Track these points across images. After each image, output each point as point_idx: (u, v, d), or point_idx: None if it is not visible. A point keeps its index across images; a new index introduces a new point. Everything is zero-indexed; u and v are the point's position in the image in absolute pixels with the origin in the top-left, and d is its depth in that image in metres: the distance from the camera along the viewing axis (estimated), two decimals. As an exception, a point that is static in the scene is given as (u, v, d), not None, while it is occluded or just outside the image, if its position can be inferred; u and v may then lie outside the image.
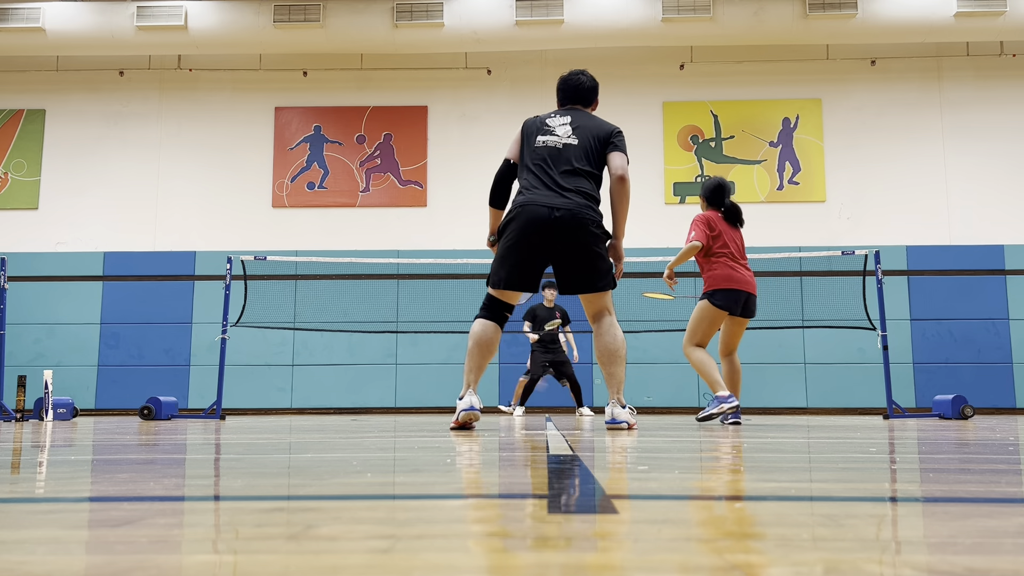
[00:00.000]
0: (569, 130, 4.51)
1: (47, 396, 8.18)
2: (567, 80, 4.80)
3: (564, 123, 4.55)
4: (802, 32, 11.76)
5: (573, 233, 4.30)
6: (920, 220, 12.21)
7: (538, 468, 2.29)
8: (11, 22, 11.80)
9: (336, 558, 1.01)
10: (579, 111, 4.71)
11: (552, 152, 4.43)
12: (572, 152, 4.43)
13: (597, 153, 4.51)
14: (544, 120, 4.60)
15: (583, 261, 4.35)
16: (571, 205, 4.30)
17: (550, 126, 4.54)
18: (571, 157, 4.42)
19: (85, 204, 12.65)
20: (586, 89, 4.78)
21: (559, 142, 4.46)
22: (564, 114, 4.64)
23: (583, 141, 4.47)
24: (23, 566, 0.98)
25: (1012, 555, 1.01)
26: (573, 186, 4.36)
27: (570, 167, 4.40)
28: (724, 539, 1.13)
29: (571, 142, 4.45)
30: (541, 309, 10.49)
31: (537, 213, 4.28)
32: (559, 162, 4.40)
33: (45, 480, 2.10)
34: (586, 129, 4.52)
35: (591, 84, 4.80)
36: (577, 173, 4.40)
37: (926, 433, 4.49)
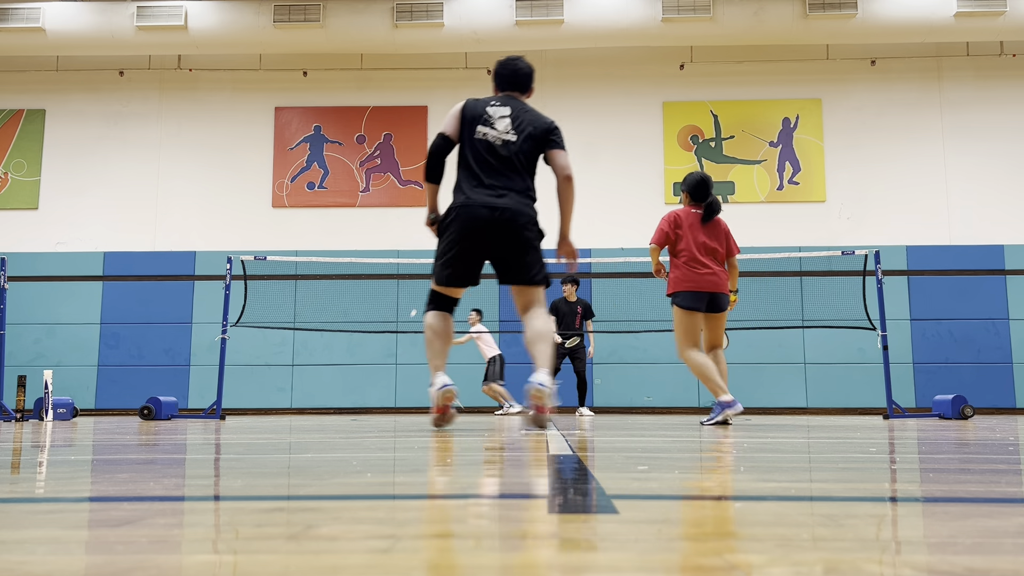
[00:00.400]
0: (509, 123, 4.49)
1: (47, 396, 8.18)
2: (506, 65, 4.75)
3: (504, 115, 4.53)
4: (802, 32, 11.76)
5: (513, 233, 4.39)
6: (920, 220, 12.22)
7: (538, 468, 2.29)
8: (11, 22, 11.80)
9: (336, 558, 1.01)
10: (517, 100, 4.69)
11: (492, 148, 4.45)
12: (511, 150, 4.45)
13: (536, 149, 4.54)
14: (485, 108, 4.55)
15: (522, 257, 4.45)
16: (511, 205, 4.37)
17: (490, 116, 4.51)
18: (511, 155, 4.45)
19: (85, 204, 12.65)
20: (524, 75, 4.74)
21: (499, 138, 4.46)
22: (503, 103, 4.60)
23: (522, 137, 4.48)
24: (23, 566, 0.98)
25: (1012, 555, 1.01)
26: (512, 186, 4.42)
27: (509, 165, 4.44)
28: (724, 539, 1.13)
29: (510, 139, 4.46)
30: (563, 304, 10.54)
31: (478, 214, 4.36)
32: (499, 159, 4.43)
33: (45, 480, 2.10)
34: (525, 124, 4.52)
35: (528, 70, 4.78)
36: (516, 171, 4.44)
37: (926, 433, 4.49)
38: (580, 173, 13.10)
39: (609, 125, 12.60)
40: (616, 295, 11.99)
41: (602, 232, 12.32)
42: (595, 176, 12.55)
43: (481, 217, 4.35)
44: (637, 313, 11.75)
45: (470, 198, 4.39)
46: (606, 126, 12.61)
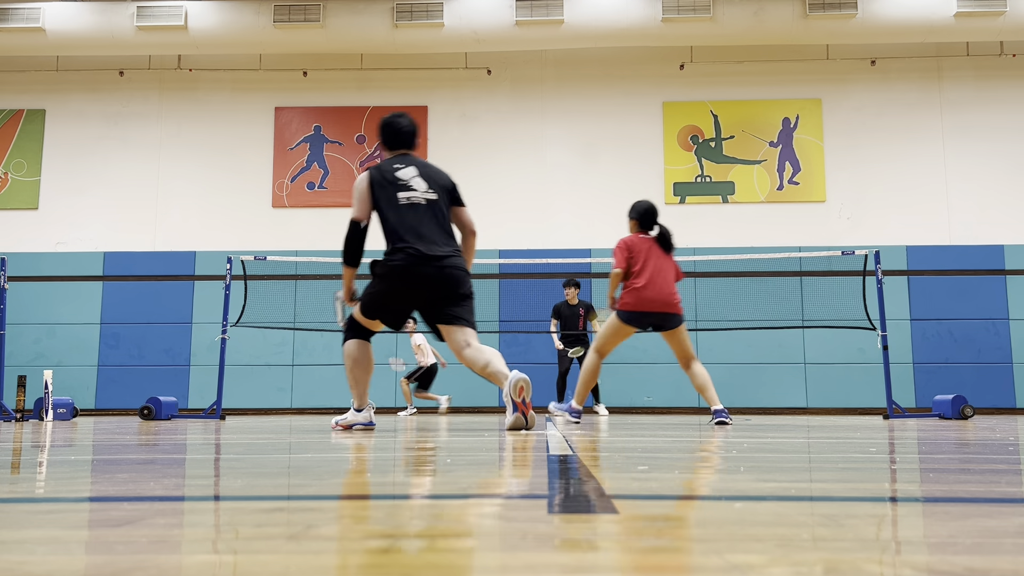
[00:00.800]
0: (423, 184, 4.77)
1: (47, 396, 8.18)
2: (394, 125, 4.97)
3: (414, 175, 4.79)
4: (802, 32, 11.76)
5: (456, 285, 4.70)
6: (920, 220, 12.22)
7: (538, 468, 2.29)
8: (11, 22, 11.80)
9: (336, 558, 1.01)
10: (413, 157, 4.96)
11: (418, 209, 4.71)
12: (436, 208, 4.75)
13: (448, 204, 4.86)
14: (393, 173, 4.78)
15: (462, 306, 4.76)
16: (452, 261, 4.69)
17: (403, 179, 4.76)
18: (436, 213, 4.74)
19: (85, 204, 12.65)
20: (413, 133, 5.01)
21: (422, 198, 4.73)
22: (406, 163, 4.84)
23: (439, 194, 4.79)
24: (23, 566, 0.98)
25: (1012, 555, 1.01)
26: (446, 242, 4.73)
27: (438, 223, 4.74)
28: (724, 539, 1.13)
29: (432, 196, 4.75)
30: (565, 308, 10.60)
31: (423, 271, 4.63)
32: (428, 218, 4.71)
33: (45, 480, 2.10)
34: (434, 180, 4.83)
35: (412, 128, 5.03)
36: (442, 227, 4.76)
37: (926, 433, 4.49)
38: (580, 173, 13.17)
39: (609, 125, 12.60)
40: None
41: (602, 232, 12.32)
42: (595, 176, 12.56)
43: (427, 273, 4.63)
44: (637, 313, 11.74)
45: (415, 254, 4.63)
46: (606, 126, 12.61)
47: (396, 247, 4.68)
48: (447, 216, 4.80)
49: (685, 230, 12.32)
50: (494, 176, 12.56)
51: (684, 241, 12.18)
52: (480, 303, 11.70)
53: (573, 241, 12.30)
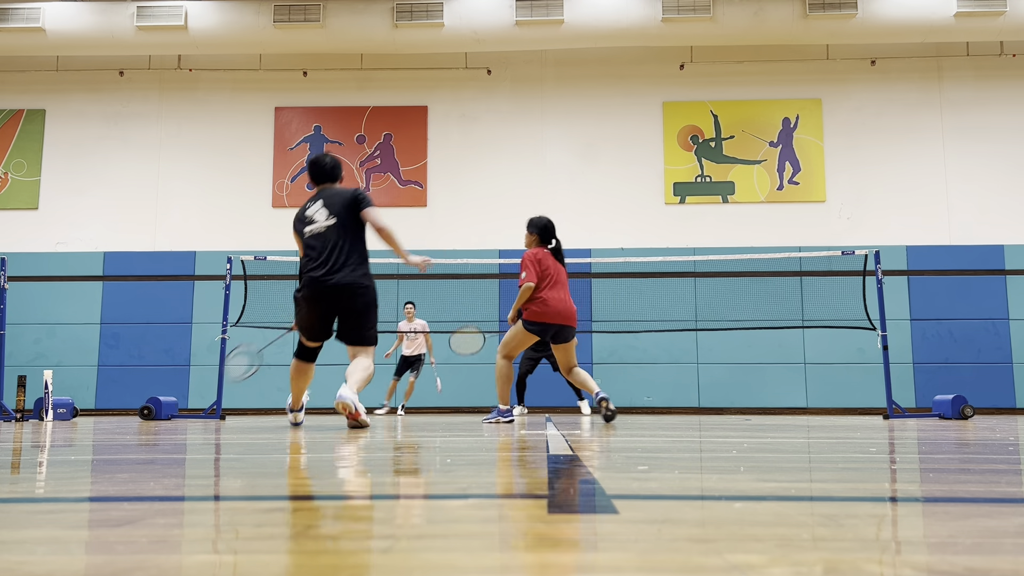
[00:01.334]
0: (325, 212, 5.38)
1: (47, 396, 8.18)
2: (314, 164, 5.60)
3: (319, 208, 5.41)
4: (802, 32, 11.76)
5: (348, 298, 5.31)
6: (920, 220, 12.22)
7: (538, 468, 2.29)
8: (11, 22, 11.80)
9: (336, 558, 1.01)
10: (328, 188, 5.53)
11: (319, 237, 5.34)
12: (334, 231, 5.33)
13: (353, 220, 5.35)
14: (304, 212, 5.47)
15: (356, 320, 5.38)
16: (343, 278, 5.27)
17: (310, 215, 5.42)
18: (334, 235, 5.32)
19: (85, 204, 12.65)
20: (330, 169, 5.57)
21: (322, 226, 5.35)
22: (317, 198, 5.48)
23: (339, 217, 5.34)
24: (23, 566, 0.98)
25: (1012, 555, 1.01)
26: (342, 260, 5.29)
27: (335, 244, 5.30)
28: (724, 539, 1.13)
29: (330, 223, 5.33)
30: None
31: (317, 288, 5.29)
32: (327, 243, 5.32)
33: (45, 480, 2.10)
34: (335, 204, 5.37)
35: (333, 163, 5.60)
36: (345, 247, 5.31)
37: (926, 433, 4.49)
38: (580, 173, 13.16)
39: (609, 125, 12.61)
40: (616, 295, 11.99)
41: (602, 232, 12.32)
42: (595, 176, 12.56)
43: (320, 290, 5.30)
44: (637, 313, 11.75)
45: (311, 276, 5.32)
46: (606, 126, 12.61)
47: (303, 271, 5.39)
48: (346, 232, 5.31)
49: (685, 230, 12.32)
50: (494, 176, 12.56)
51: (684, 241, 12.19)
52: (480, 303, 11.74)
53: (573, 241, 12.29)
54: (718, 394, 11.75)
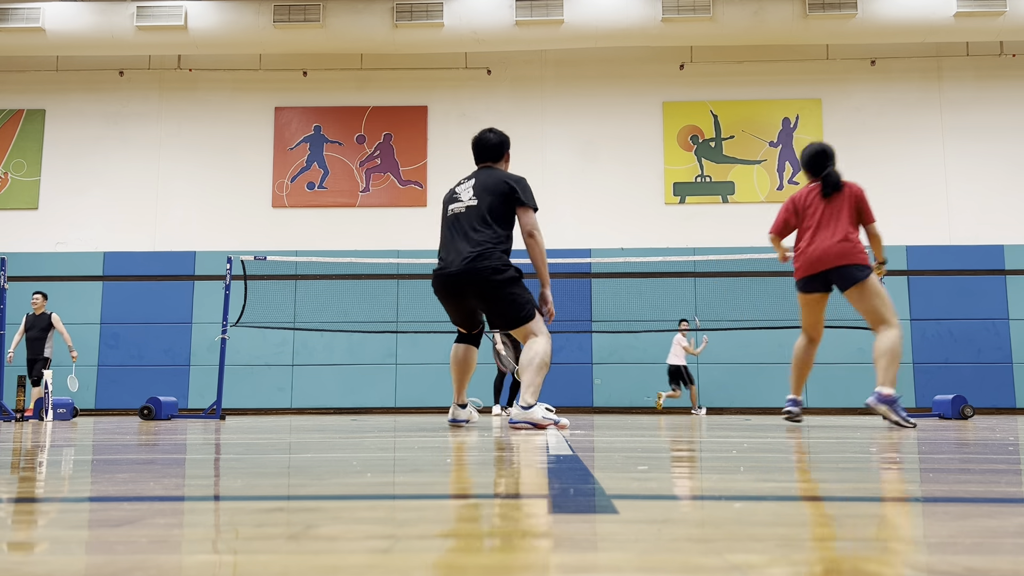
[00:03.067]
0: (471, 192, 5.04)
1: (47, 396, 8.18)
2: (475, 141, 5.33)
3: (468, 187, 5.09)
4: (802, 32, 11.76)
5: (475, 285, 4.87)
6: (920, 220, 12.21)
7: (538, 468, 2.29)
8: (11, 22, 11.80)
9: (336, 558, 1.01)
10: (486, 169, 5.21)
11: (456, 218, 5.03)
12: (473, 213, 4.97)
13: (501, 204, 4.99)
14: (454, 190, 5.17)
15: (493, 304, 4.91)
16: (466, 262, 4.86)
17: (458, 193, 5.12)
18: (472, 218, 4.97)
19: (85, 204, 12.65)
20: (492, 146, 5.26)
21: (462, 207, 5.03)
22: (471, 177, 5.16)
23: (483, 201, 4.98)
24: (23, 566, 0.98)
25: (1012, 555, 1.01)
26: (474, 243, 4.89)
27: (470, 224, 4.96)
28: (724, 539, 1.13)
29: (472, 204, 5.00)
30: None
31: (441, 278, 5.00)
32: (462, 225, 4.98)
33: (45, 480, 2.10)
34: (485, 188, 5.02)
35: (497, 140, 5.28)
36: (477, 230, 4.92)
37: (926, 433, 4.49)
38: (580, 173, 13.17)
39: (609, 125, 12.61)
40: (616, 295, 11.99)
41: (602, 232, 12.32)
42: (595, 176, 12.56)
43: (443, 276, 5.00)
44: (637, 313, 11.75)
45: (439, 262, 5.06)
46: (606, 126, 12.61)
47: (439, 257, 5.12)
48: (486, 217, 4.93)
49: (685, 230, 12.32)
50: (494, 176, 12.56)
51: (684, 241, 12.19)
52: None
53: (573, 241, 12.30)
54: (718, 394, 11.74)
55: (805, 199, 5.65)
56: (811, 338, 5.89)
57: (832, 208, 5.52)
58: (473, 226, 4.91)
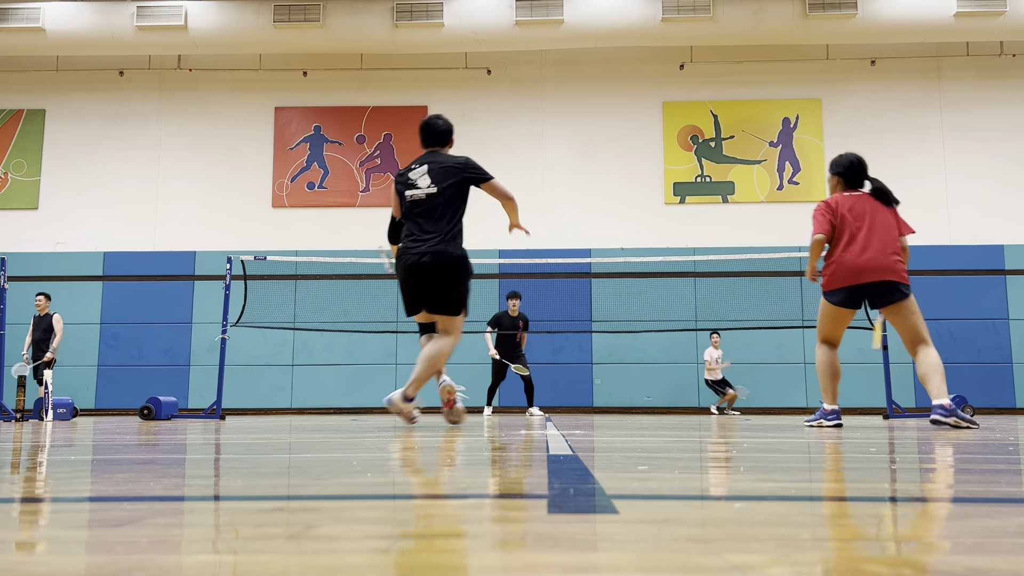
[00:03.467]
0: (428, 180, 5.24)
1: (47, 396, 8.18)
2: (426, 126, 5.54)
3: (423, 173, 5.27)
4: (802, 32, 11.76)
5: (442, 268, 5.16)
6: (920, 220, 12.19)
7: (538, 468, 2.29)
8: (11, 22, 11.80)
9: (336, 558, 1.01)
10: (433, 153, 5.43)
11: (416, 204, 5.23)
12: (434, 202, 5.20)
13: (459, 190, 5.25)
14: (407, 175, 5.34)
15: (448, 289, 5.22)
16: (430, 248, 5.14)
17: (412, 179, 5.29)
18: (434, 206, 5.20)
19: (85, 204, 12.65)
20: (440, 132, 5.48)
21: (421, 194, 5.23)
22: (422, 163, 5.34)
23: (440, 188, 5.22)
24: (23, 566, 0.98)
25: (1012, 555, 1.01)
26: (432, 231, 5.17)
27: (432, 215, 5.20)
28: (724, 539, 1.13)
29: (432, 191, 5.21)
30: (506, 317, 10.49)
31: (408, 259, 5.20)
32: (424, 213, 5.21)
33: (45, 480, 2.10)
34: (442, 174, 5.24)
35: (446, 127, 5.52)
36: (438, 219, 5.18)
37: (926, 433, 4.49)
38: (580, 173, 13.16)
39: (609, 125, 12.61)
40: (616, 295, 11.99)
41: (602, 232, 12.32)
42: (595, 176, 12.56)
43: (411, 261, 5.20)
44: (637, 313, 11.75)
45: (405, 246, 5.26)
46: (606, 126, 12.61)
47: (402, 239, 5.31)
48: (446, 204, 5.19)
49: (685, 230, 12.32)
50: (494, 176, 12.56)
51: (684, 241, 12.19)
52: (480, 303, 11.72)
53: (573, 241, 12.30)
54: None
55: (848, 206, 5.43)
56: (834, 345, 5.69)
57: (882, 219, 5.42)
58: (436, 214, 5.16)
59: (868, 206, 5.44)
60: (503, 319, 10.49)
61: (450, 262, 5.15)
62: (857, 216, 5.39)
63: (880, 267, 5.26)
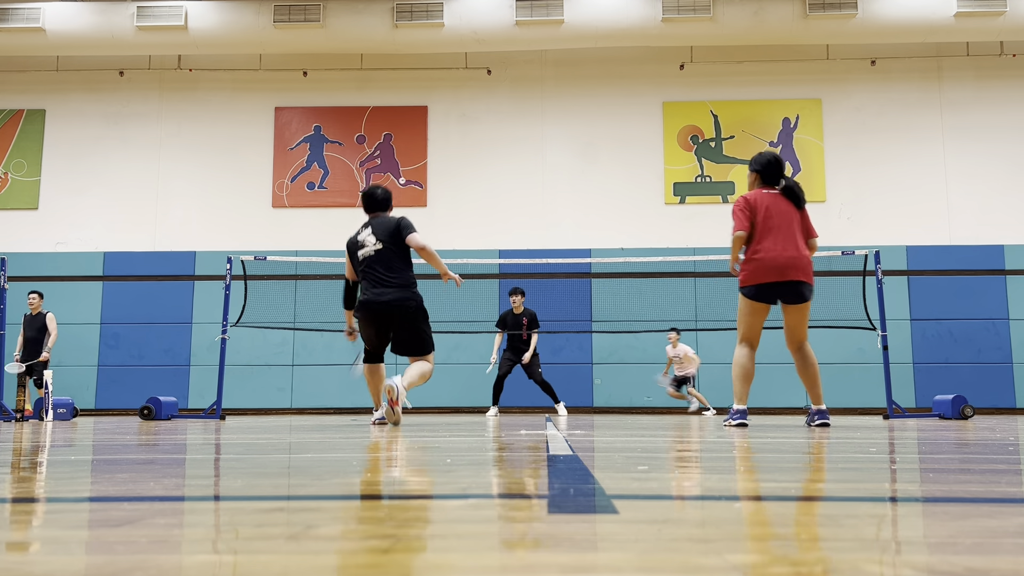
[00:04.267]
0: (373, 239, 6.07)
1: (47, 396, 8.18)
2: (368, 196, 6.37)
3: (369, 234, 6.10)
4: (802, 32, 11.76)
5: (401, 314, 5.95)
6: (920, 220, 12.22)
7: (538, 468, 2.29)
8: (11, 22, 11.80)
9: (336, 558, 1.01)
10: (378, 216, 6.24)
11: (371, 260, 6.03)
12: (383, 255, 6.01)
13: (397, 245, 6.03)
14: (356, 238, 6.18)
15: (411, 333, 6.02)
16: (394, 296, 5.93)
17: (361, 240, 6.12)
18: (384, 258, 6.01)
19: (85, 204, 12.65)
20: (380, 200, 6.31)
21: (371, 250, 6.04)
22: (367, 226, 6.19)
23: (385, 243, 6.03)
24: (23, 566, 0.98)
25: (1012, 555, 1.01)
26: (392, 280, 5.96)
27: (386, 265, 5.99)
28: (724, 539, 1.13)
29: (379, 247, 6.02)
30: (509, 315, 10.50)
31: (374, 306, 5.95)
32: (378, 265, 6.00)
33: (45, 480, 2.10)
34: (382, 231, 6.07)
35: (384, 196, 6.34)
36: (392, 268, 5.98)
37: (926, 433, 4.49)
38: (580, 173, 13.15)
39: (609, 125, 12.61)
40: (616, 295, 11.99)
41: (602, 232, 12.32)
42: (595, 176, 12.56)
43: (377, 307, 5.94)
44: (637, 313, 11.75)
45: (369, 296, 5.98)
46: (606, 126, 12.61)
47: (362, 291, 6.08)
48: (395, 256, 5.99)
49: (685, 230, 12.32)
50: (494, 176, 12.56)
51: (684, 241, 12.19)
52: (480, 303, 11.75)
53: (573, 241, 12.30)
54: (718, 394, 11.74)
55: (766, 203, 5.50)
56: (753, 346, 5.76)
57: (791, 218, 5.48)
58: (388, 266, 5.96)
59: (784, 205, 5.53)
60: (507, 318, 10.49)
61: (415, 309, 5.93)
62: (774, 214, 5.49)
63: (797, 266, 5.40)
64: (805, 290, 5.47)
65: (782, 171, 5.66)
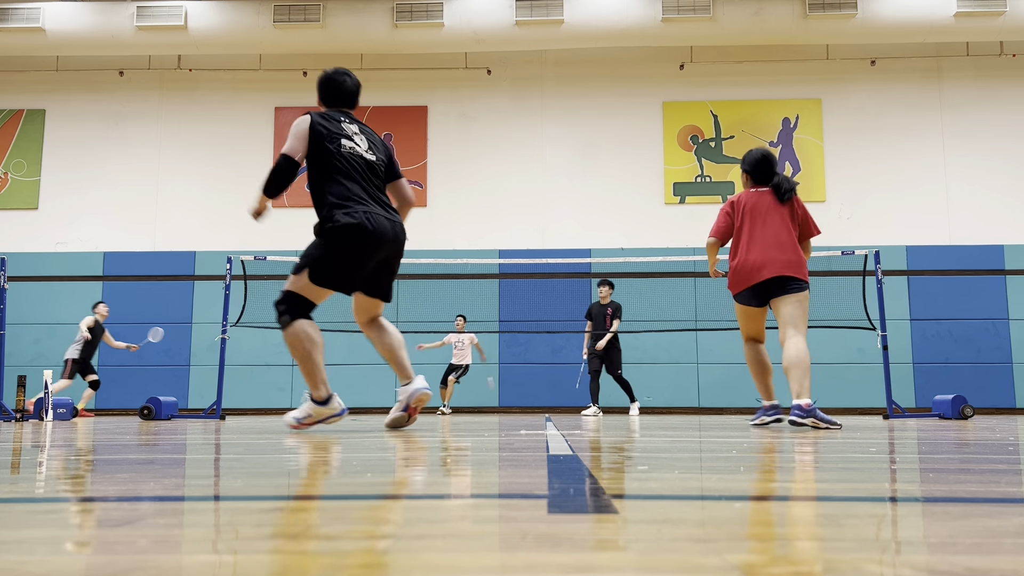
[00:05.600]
0: (365, 143, 4.55)
1: (47, 396, 8.18)
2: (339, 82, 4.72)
3: (356, 132, 4.57)
4: (802, 32, 11.76)
5: (401, 249, 4.58)
6: (920, 220, 12.22)
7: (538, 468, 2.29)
8: (11, 22, 11.80)
9: (336, 558, 1.01)
10: (353, 116, 4.71)
11: (363, 164, 4.47)
12: (378, 169, 4.56)
13: (388, 172, 4.66)
14: (336, 122, 4.54)
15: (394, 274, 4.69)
16: (399, 223, 4.56)
17: (347, 131, 4.52)
18: (379, 172, 4.56)
19: (85, 204, 12.65)
20: (353, 90, 4.74)
21: (363, 154, 4.49)
22: (348, 120, 4.62)
23: (380, 159, 4.60)
24: (23, 566, 0.98)
25: (1012, 555, 1.01)
26: (388, 204, 4.53)
27: (381, 183, 4.56)
28: (724, 539, 1.13)
29: (372, 158, 4.53)
30: (595, 307, 10.51)
31: (383, 227, 4.37)
32: (374, 176, 4.50)
33: (45, 480, 2.10)
34: (374, 144, 4.63)
35: (356, 85, 4.78)
36: (384, 190, 4.58)
37: (926, 433, 4.49)
38: (580, 173, 13.15)
39: (609, 125, 12.61)
40: (616, 295, 11.99)
41: (602, 232, 12.32)
42: (595, 176, 12.56)
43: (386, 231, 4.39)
44: (637, 313, 11.74)
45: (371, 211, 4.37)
46: (606, 126, 12.61)
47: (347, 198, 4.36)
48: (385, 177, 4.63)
49: (685, 230, 12.32)
50: (494, 176, 12.56)
51: (684, 241, 12.19)
52: (480, 303, 11.74)
53: (573, 241, 12.30)
54: (718, 394, 11.74)
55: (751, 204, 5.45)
56: (759, 340, 5.65)
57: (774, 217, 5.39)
58: (381, 184, 4.55)
59: (768, 203, 5.43)
60: (592, 309, 10.50)
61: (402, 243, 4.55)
62: (757, 214, 5.41)
63: (773, 264, 5.25)
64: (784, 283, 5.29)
65: (773, 168, 5.56)
